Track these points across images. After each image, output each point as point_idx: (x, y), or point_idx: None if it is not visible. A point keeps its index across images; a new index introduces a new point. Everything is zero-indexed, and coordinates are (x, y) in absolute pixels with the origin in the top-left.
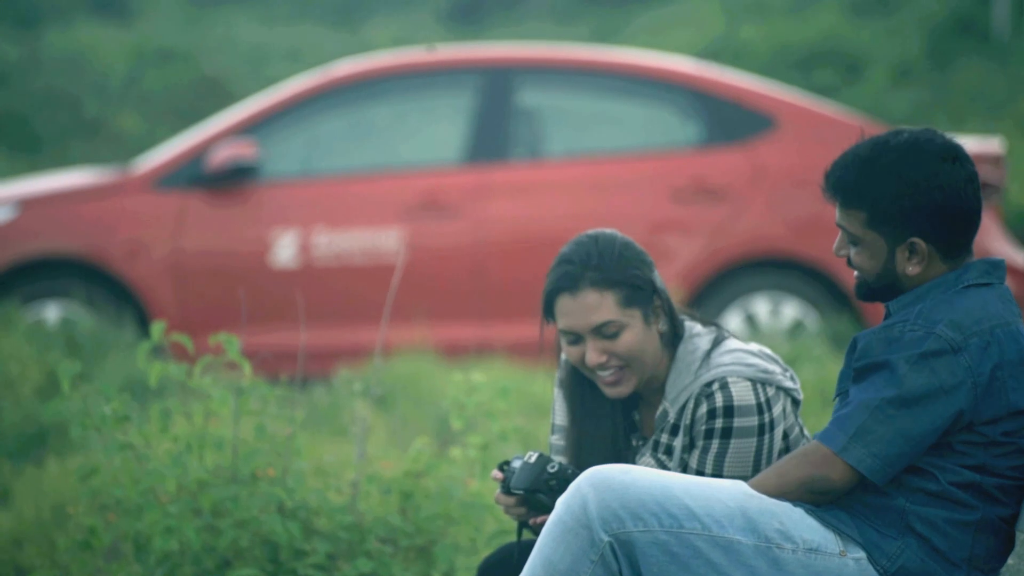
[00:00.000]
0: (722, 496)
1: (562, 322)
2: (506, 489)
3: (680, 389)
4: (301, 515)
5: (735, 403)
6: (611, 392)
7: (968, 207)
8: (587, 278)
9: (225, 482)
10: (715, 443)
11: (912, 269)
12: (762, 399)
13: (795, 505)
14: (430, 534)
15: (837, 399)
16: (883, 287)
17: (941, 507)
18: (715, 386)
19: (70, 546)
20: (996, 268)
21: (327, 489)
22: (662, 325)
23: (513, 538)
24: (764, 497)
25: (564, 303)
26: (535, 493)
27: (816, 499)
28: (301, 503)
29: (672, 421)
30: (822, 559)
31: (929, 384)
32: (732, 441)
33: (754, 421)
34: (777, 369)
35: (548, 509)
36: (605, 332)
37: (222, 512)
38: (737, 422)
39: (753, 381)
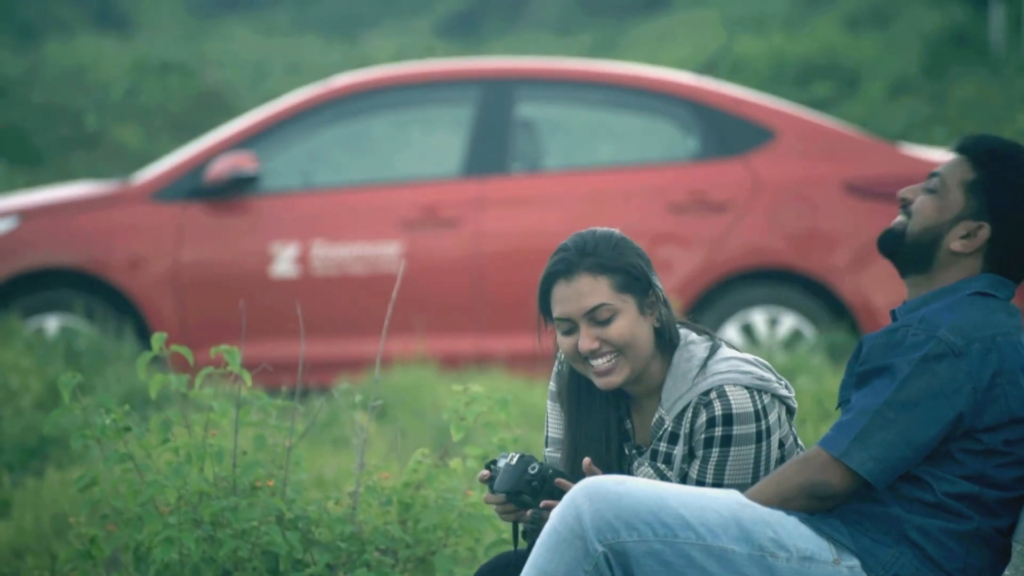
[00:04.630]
0: (716, 505)
1: (556, 309)
2: (492, 489)
3: (677, 397)
4: (301, 526)
5: (733, 411)
6: (602, 382)
7: None
8: (582, 264)
9: (225, 493)
10: (715, 452)
11: (957, 245)
12: (759, 406)
13: (789, 514)
14: (429, 544)
15: (840, 408)
16: (914, 247)
17: (936, 517)
18: (713, 394)
19: (70, 557)
20: (1004, 285)
21: (327, 500)
22: (656, 320)
23: (510, 547)
24: (757, 506)
25: (559, 289)
26: (518, 494)
27: (817, 505)
28: (301, 514)
29: (669, 429)
30: (816, 567)
31: (929, 387)
32: (732, 449)
33: (752, 428)
34: (772, 377)
35: (532, 511)
36: (598, 317)
37: (222, 523)
38: (736, 430)
39: (750, 389)
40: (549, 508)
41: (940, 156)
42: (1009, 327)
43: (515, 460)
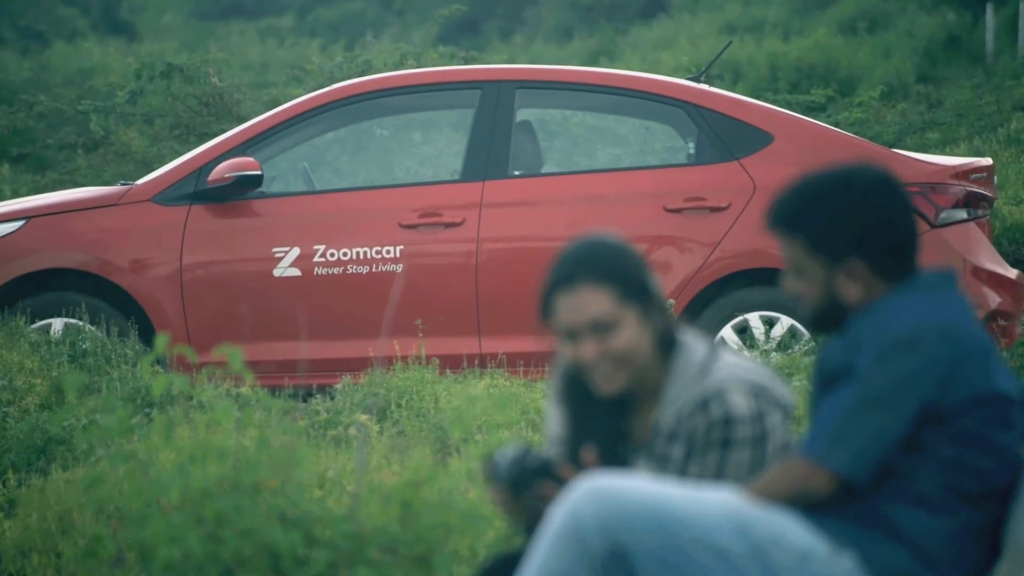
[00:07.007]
0: (715, 504)
1: (558, 319)
2: (495, 481)
3: (677, 398)
4: (302, 524)
5: (732, 414)
6: (603, 388)
7: (901, 230)
8: (584, 274)
9: (228, 492)
10: (714, 453)
11: (853, 292)
12: (757, 410)
13: (787, 511)
14: (430, 543)
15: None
16: (831, 314)
17: (928, 512)
18: (713, 397)
19: (75, 555)
20: (946, 278)
21: (328, 499)
22: (656, 327)
23: (510, 546)
24: (755, 504)
25: (561, 299)
26: (520, 485)
27: (803, 507)
28: (302, 513)
29: (669, 430)
30: (813, 564)
31: (892, 379)
32: (730, 451)
33: (749, 431)
34: (770, 382)
35: (533, 501)
36: (600, 329)
37: (225, 521)
38: (734, 432)
39: (749, 392)
40: (547, 494)
41: (934, 160)
42: (958, 313)
43: (515, 453)
